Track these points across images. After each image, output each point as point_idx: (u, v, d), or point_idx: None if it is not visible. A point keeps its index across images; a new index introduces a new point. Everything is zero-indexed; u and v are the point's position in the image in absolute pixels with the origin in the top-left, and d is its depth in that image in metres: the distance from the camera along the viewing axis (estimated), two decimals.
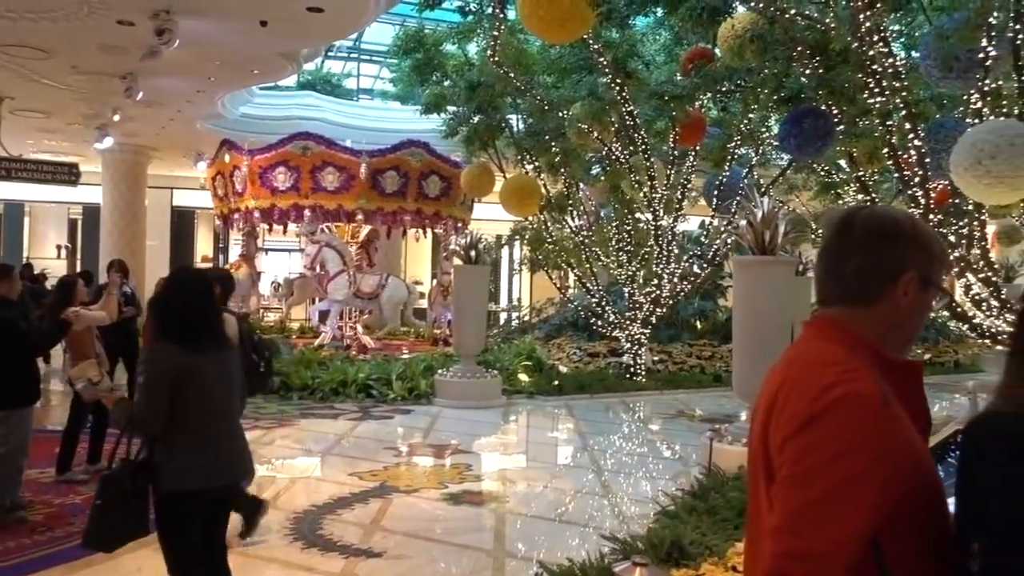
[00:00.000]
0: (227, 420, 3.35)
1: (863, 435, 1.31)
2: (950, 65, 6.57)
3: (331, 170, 13.40)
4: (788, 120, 8.62)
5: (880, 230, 1.51)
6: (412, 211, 13.96)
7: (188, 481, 3.16)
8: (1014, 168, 6.06)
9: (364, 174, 13.24)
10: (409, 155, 13.69)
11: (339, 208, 13.58)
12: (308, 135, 13.65)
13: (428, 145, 13.81)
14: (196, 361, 3.20)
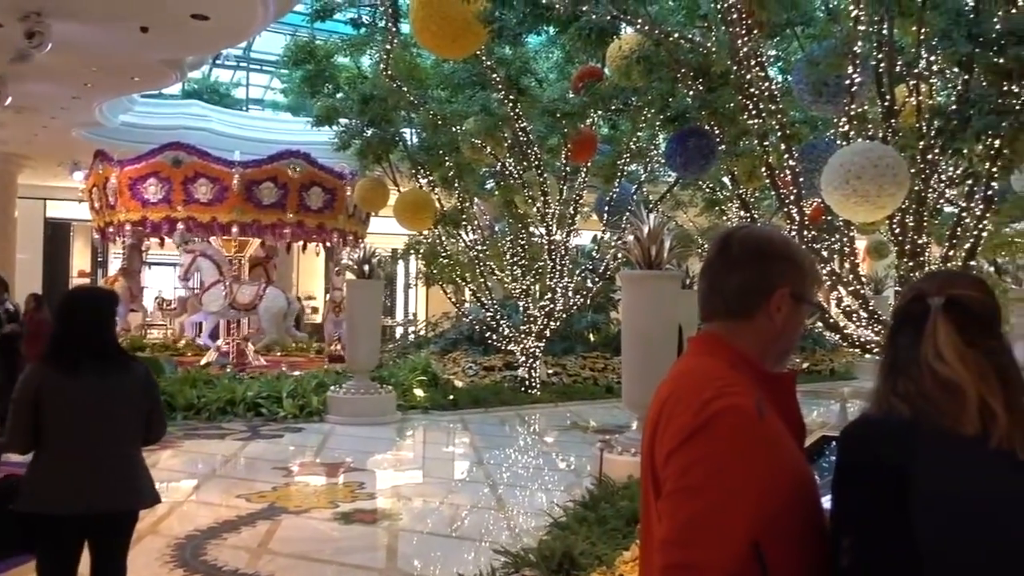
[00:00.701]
0: (100, 445, 3.17)
1: (741, 447, 1.36)
2: (820, 90, 6.97)
3: (204, 181, 12.92)
4: (674, 139, 8.95)
5: (756, 248, 1.58)
6: (293, 224, 13.48)
7: (40, 504, 3.03)
8: (878, 187, 6.47)
9: (237, 185, 12.80)
10: (287, 166, 13.27)
11: (213, 221, 13.05)
12: (180, 145, 13.12)
13: (309, 156, 13.46)
14: (64, 381, 3.05)
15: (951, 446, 1.31)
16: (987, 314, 1.43)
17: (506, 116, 10.96)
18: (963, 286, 1.44)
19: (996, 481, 1.29)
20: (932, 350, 1.38)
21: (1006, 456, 1.29)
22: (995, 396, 1.32)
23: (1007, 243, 9.30)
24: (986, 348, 1.38)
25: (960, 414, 1.32)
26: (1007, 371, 1.37)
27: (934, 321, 1.39)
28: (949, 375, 1.34)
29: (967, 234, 7.52)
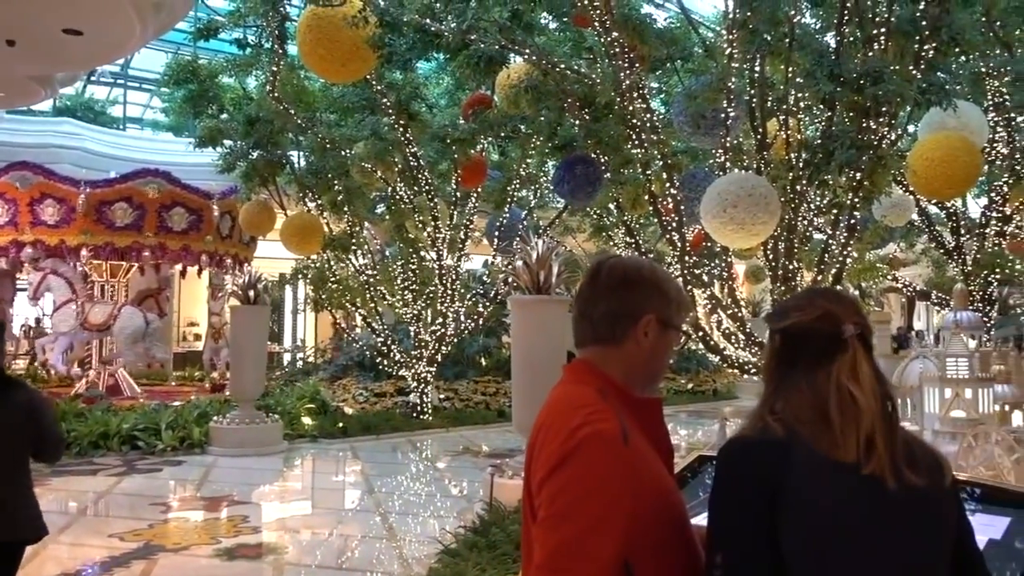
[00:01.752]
0: None
1: (607, 473, 1.41)
2: (698, 122, 7.30)
3: (51, 202, 12.18)
4: (561, 166, 9.17)
5: (623, 277, 1.65)
6: (152, 246, 12.68)
7: None
8: (752, 216, 6.82)
9: (83, 206, 12.10)
10: (144, 185, 12.58)
11: (61, 244, 12.27)
12: (25, 164, 12.37)
13: (169, 174, 12.82)
14: None
15: (824, 469, 1.39)
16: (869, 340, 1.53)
17: (396, 141, 10.94)
18: (861, 315, 1.53)
19: (865, 506, 1.37)
20: (851, 373, 1.45)
21: (876, 483, 1.37)
22: (880, 427, 1.41)
23: (869, 268, 9.95)
24: (883, 380, 1.48)
25: (841, 439, 1.40)
26: (893, 404, 1.48)
27: (854, 347, 1.47)
28: (860, 401, 1.42)
29: (834, 260, 7.99)
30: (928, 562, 1.38)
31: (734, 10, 7.05)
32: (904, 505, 1.37)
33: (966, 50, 8.69)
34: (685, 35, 8.80)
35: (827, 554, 1.36)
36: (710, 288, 8.47)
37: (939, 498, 1.41)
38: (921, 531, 1.38)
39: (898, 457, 1.39)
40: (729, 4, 7.17)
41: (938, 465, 1.43)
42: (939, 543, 1.39)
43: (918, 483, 1.37)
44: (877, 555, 1.35)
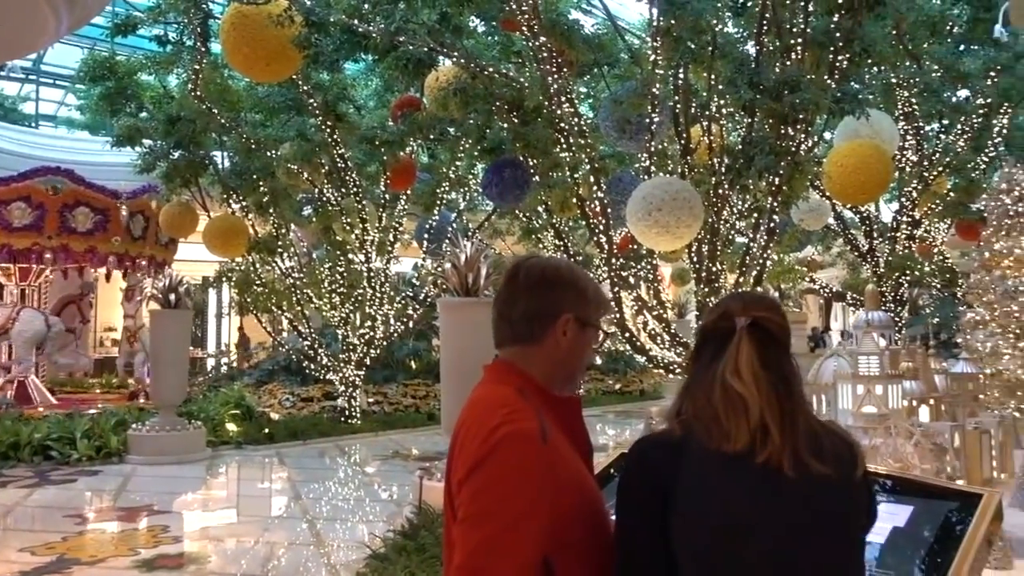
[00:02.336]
0: None
1: (526, 472, 1.43)
2: (623, 127, 7.43)
3: None
4: (490, 169, 9.20)
5: (541, 277, 1.68)
6: (54, 248, 12.01)
7: None
8: (677, 219, 6.97)
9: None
10: (44, 184, 11.97)
11: None
12: None
13: (72, 172, 12.24)
14: None
15: (715, 463, 1.43)
16: (783, 337, 1.57)
17: (323, 142, 10.80)
18: (764, 309, 1.57)
19: (756, 498, 1.41)
20: (732, 366, 1.50)
21: (772, 472, 1.41)
22: (774, 416, 1.45)
23: (788, 270, 10.28)
24: (778, 370, 1.52)
25: (732, 432, 1.44)
26: (791, 393, 1.51)
27: (739, 339, 1.51)
28: (741, 391, 1.46)
29: (755, 262, 8.23)
30: (832, 552, 1.41)
31: (658, 18, 7.19)
32: (805, 493, 1.40)
33: (877, 62, 9.10)
34: (612, 41, 8.93)
35: (723, 548, 1.39)
36: (636, 290, 8.62)
37: (847, 487, 1.44)
38: (825, 520, 1.41)
39: (800, 445, 1.42)
40: (654, 12, 7.31)
41: (850, 455, 1.47)
42: (845, 532, 1.43)
43: (823, 471, 1.40)
44: (775, 544, 1.38)
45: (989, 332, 6.26)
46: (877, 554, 1.90)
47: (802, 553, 1.38)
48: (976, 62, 10.90)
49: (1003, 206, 6.29)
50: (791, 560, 1.38)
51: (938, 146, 12.13)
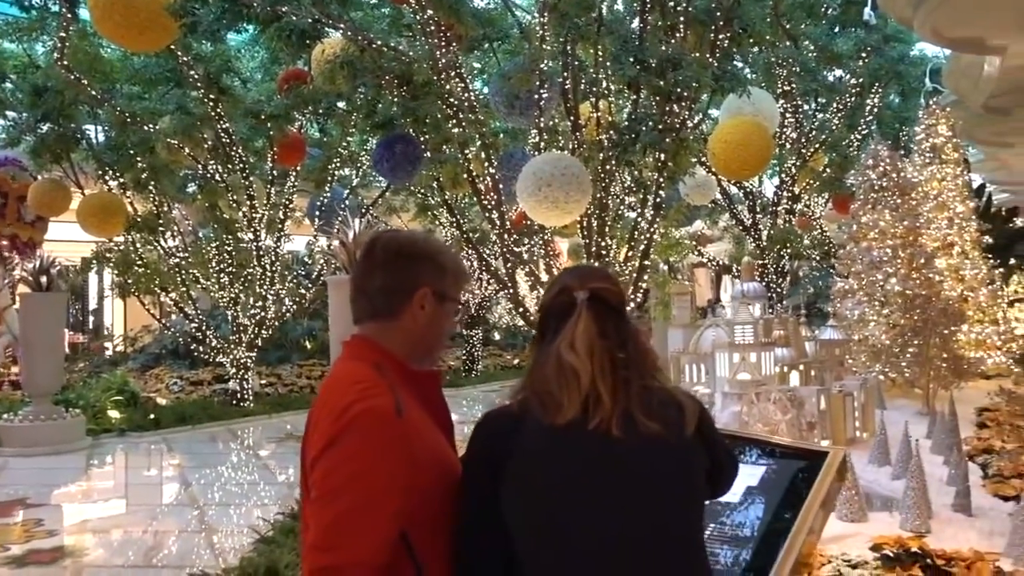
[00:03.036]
0: None
1: (380, 448, 1.42)
2: (512, 103, 7.43)
3: None
4: (381, 145, 9.05)
5: (398, 250, 1.66)
6: None
7: None
8: (565, 194, 7.05)
9: None
10: None
11: None
12: None
13: None
14: None
15: (546, 437, 1.46)
16: (620, 305, 1.61)
17: (206, 116, 10.36)
18: (601, 280, 1.60)
19: (586, 462, 1.45)
20: (568, 340, 1.52)
21: (602, 436, 1.44)
22: (606, 383, 1.48)
23: (675, 244, 10.58)
24: (616, 337, 1.55)
25: (564, 403, 1.47)
26: (628, 359, 1.55)
27: (579, 313, 1.54)
28: (574, 363, 1.49)
29: (642, 237, 8.43)
30: (664, 508, 1.46)
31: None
32: (634, 452, 1.44)
33: (757, 41, 9.39)
34: (502, 16, 8.91)
35: (555, 514, 1.42)
36: (530, 265, 8.70)
37: (678, 445, 1.49)
38: (655, 477, 1.46)
39: (633, 408, 1.46)
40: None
41: (679, 413, 1.52)
42: (677, 487, 1.48)
43: (652, 431, 1.44)
44: (608, 504, 1.42)
45: (857, 300, 6.63)
46: (731, 512, 1.98)
47: (634, 510, 1.43)
48: (848, 43, 11.42)
49: (869, 181, 6.64)
50: (623, 518, 1.42)
51: (815, 124, 12.69)
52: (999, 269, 7.77)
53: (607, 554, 1.40)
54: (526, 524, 1.43)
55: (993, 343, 7.49)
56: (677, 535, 1.46)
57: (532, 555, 1.42)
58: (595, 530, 1.41)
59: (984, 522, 3.37)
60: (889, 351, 6.12)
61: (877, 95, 12.85)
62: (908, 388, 6.26)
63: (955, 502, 3.52)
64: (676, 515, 1.47)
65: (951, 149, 7.64)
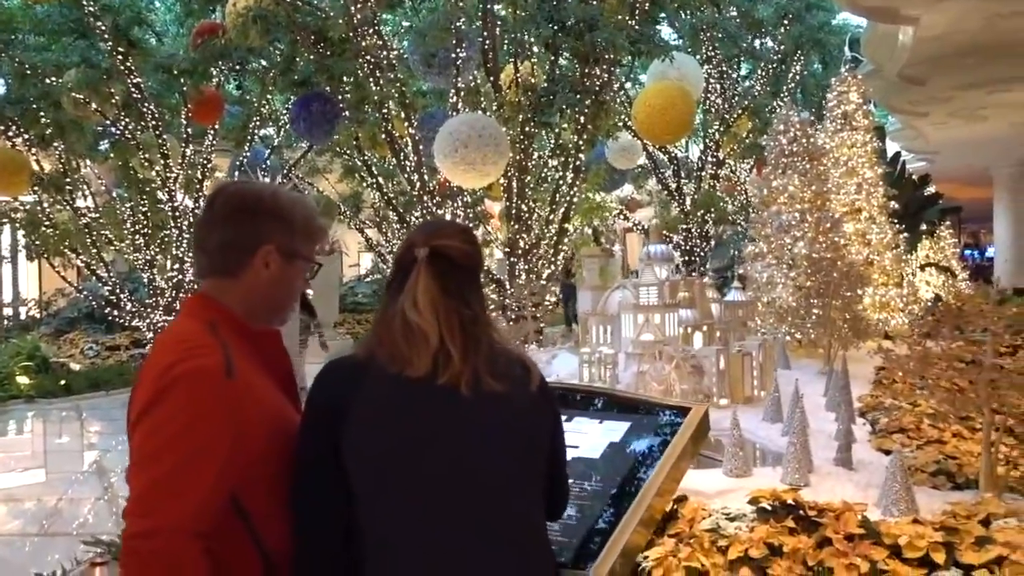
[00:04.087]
0: None
1: (203, 408, 1.37)
2: (428, 62, 7.30)
3: None
4: (297, 103, 8.81)
5: (240, 205, 1.60)
6: None
7: None
8: (483, 156, 6.98)
9: None
10: None
11: None
12: None
13: None
14: None
15: (393, 387, 1.44)
16: (469, 262, 1.58)
17: (115, 70, 9.91)
18: (447, 236, 1.57)
19: (432, 416, 1.44)
20: (411, 299, 1.50)
21: (450, 392, 1.44)
22: (455, 341, 1.47)
23: (596, 208, 10.62)
24: (460, 296, 1.53)
25: (413, 358, 1.45)
26: (476, 318, 1.53)
27: (418, 270, 1.52)
28: (419, 323, 1.47)
29: (563, 200, 8.44)
30: (507, 462, 1.47)
31: None
32: (480, 409, 1.45)
33: (680, 5, 9.41)
34: None
35: (398, 463, 1.42)
36: None
37: (522, 403, 1.50)
38: (499, 433, 1.46)
39: (480, 366, 1.46)
40: None
41: (524, 372, 1.53)
42: (519, 443, 1.49)
43: (498, 389, 1.45)
44: (451, 457, 1.43)
45: (766, 263, 6.77)
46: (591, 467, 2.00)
47: (477, 464, 1.43)
48: (769, 10, 11.54)
49: (779, 146, 6.75)
50: (466, 470, 1.43)
51: (738, 90, 12.85)
52: (904, 234, 8.02)
53: (446, 505, 1.41)
54: (366, 471, 1.42)
55: (896, 305, 7.77)
56: (517, 489, 1.48)
57: (369, 504, 1.41)
58: (436, 481, 1.41)
59: (863, 475, 3.49)
60: (795, 312, 6.28)
61: (799, 63, 13.06)
62: (813, 349, 6.44)
63: (837, 456, 3.64)
64: (518, 467, 1.48)
65: (861, 116, 7.80)
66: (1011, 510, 2.96)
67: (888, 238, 7.71)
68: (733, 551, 2.81)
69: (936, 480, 3.43)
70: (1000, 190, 19.88)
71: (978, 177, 20.98)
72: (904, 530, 2.70)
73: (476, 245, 1.63)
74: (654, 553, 2.92)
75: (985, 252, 28.82)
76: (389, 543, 1.40)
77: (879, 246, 7.63)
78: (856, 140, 7.75)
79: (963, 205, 23.49)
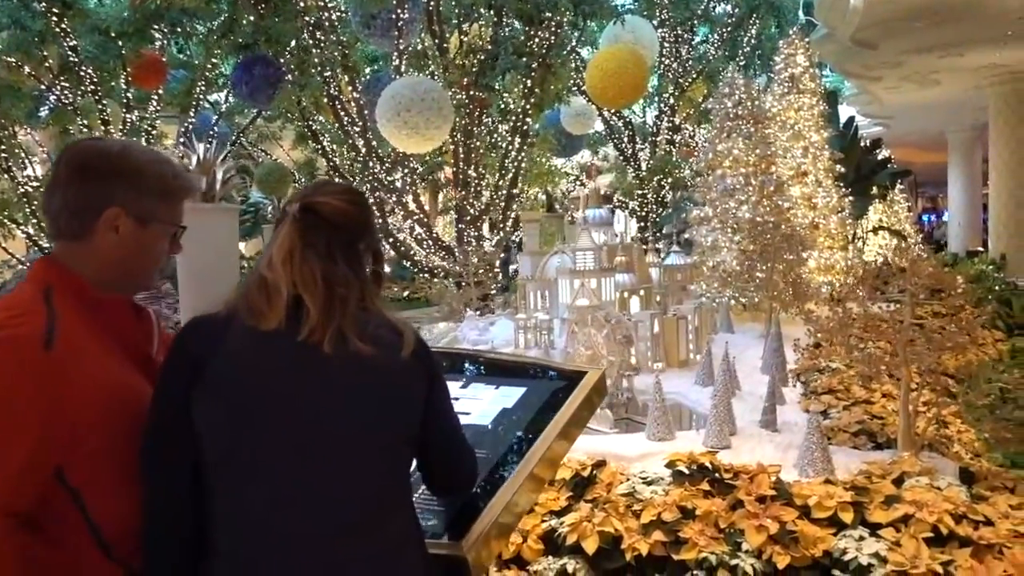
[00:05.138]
0: None
1: (16, 380, 1.29)
2: (368, 23, 7.12)
3: None
4: (239, 67, 8.56)
5: (83, 165, 1.49)
6: None
7: None
8: (426, 120, 6.85)
9: None
10: None
11: None
12: None
13: None
14: None
15: (251, 341, 1.37)
16: (346, 223, 1.50)
17: (49, 32, 9.53)
18: (326, 194, 1.49)
19: (291, 372, 1.38)
20: (268, 254, 1.43)
21: (311, 349, 1.38)
22: (314, 296, 1.39)
23: (546, 173, 10.53)
24: (328, 254, 1.45)
25: (265, 309, 1.38)
26: (346, 281, 1.46)
27: (285, 226, 1.45)
28: (267, 276, 1.40)
29: (511, 165, 8.34)
30: (365, 425, 1.41)
31: None
32: (343, 370, 1.39)
33: None
34: None
35: (253, 419, 1.36)
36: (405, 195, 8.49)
37: (390, 368, 1.44)
38: (360, 396, 1.41)
39: (347, 327, 1.39)
40: None
41: (395, 338, 1.46)
42: (382, 408, 1.43)
43: (364, 351, 1.39)
44: (307, 416, 1.37)
45: (711, 228, 6.76)
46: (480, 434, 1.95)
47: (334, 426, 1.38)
48: None
49: (725, 109, 6.70)
50: (323, 432, 1.37)
51: (693, 54, 12.77)
52: (850, 198, 8.05)
53: (300, 466, 1.35)
54: (217, 429, 1.36)
55: (841, 268, 7.82)
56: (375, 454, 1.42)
57: (220, 464, 1.35)
58: (289, 440, 1.35)
59: (785, 436, 3.51)
60: (738, 276, 6.29)
61: (755, 26, 13.01)
62: (758, 312, 6.46)
63: (761, 419, 3.66)
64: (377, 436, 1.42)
65: (808, 79, 7.78)
66: (925, 468, 2.98)
67: (834, 201, 7.74)
68: (646, 515, 2.80)
69: (857, 440, 3.46)
70: (954, 154, 20.13)
71: (933, 142, 21.22)
72: (815, 491, 2.70)
73: (360, 206, 1.54)
74: (569, 518, 2.91)
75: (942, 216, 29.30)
76: (241, 505, 1.34)
77: (824, 209, 7.66)
78: (803, 103, 7.74)
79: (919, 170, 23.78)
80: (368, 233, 1.53)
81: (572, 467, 3.09)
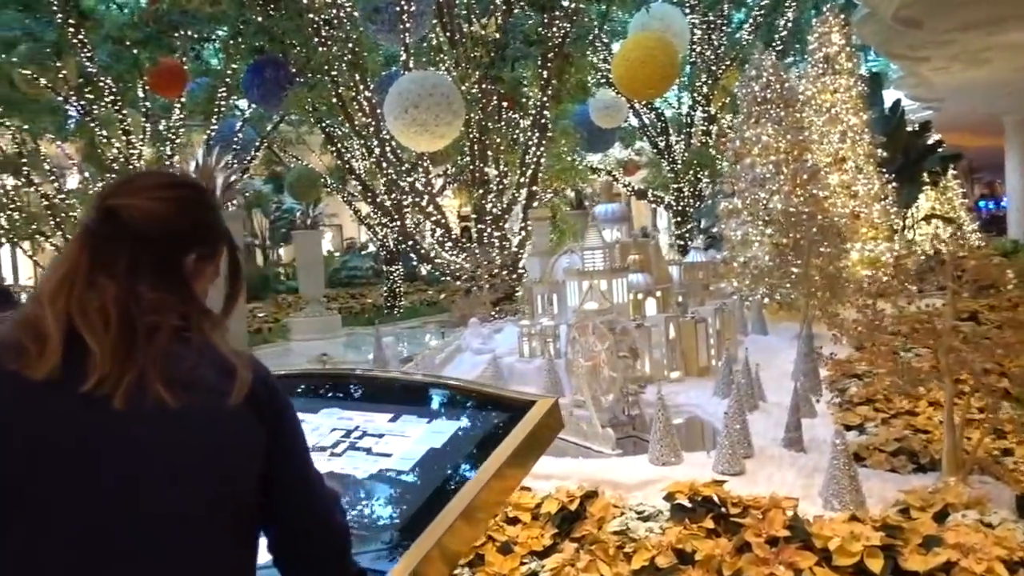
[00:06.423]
0: None
1: None
2: (371, 17, 6.82)
3: None
4: (250, 70, 8.39)
5: None
6: None
7: None
8: (435, 116, 6.53)
9: None
10: None
11: None
12: None
13: None
14: None
15: (14, 392, 1.03)
16: (160, 231, 1.13)
17: (64, 43, 9.44)
18: (133, 193, 1.12)
19: (67, 438, 1.03)
20: (43, 282, 1.08)
21: (96, 403, 1.03)
22: (100, 337, 1.04)
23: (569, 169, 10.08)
24: (132, 275, 1.09)
25: (35, 356, 1.03)
26: (155, 307, 1.10)
27: (74, 241, 1.09)
28: (31, 314, 1.05)
29: (530, 162, 7.96)
30: (177, 492, 1.06)
31: None
32: (140, 427, 1.03)
33: None
34: None
35: (23, 509, 1.01)
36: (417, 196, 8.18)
37: (207, 417, 1.08)
38: (166, 457, 1.05)
39: (150, 371, 1.04)
40: None
41: (223, 380, 1.10)
42: (207, 475, 1.07)
43: (172, 403, 1.03)
44: (102, 501, 1.02)
45: (741, 220, 6.29)
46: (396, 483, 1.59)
47: (138, 505, 1.03)
48: None
49: (752, 93, 6.24)
50: (122, 516, 1.02)
51: (727, 41, 12.24)
52: (893, 184, 7.47)
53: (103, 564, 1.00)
54: None
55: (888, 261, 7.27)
56: (196, 527, 1.07)
57: None
58: (85, 532, 1.01)
59: (812, 458, 3.07)
60: (771, 272, 5.82)
61: (792, 9, 12.42)
62: (792, 311, 5.98)
63: (785, 437, 3.22)
64: (194, 504, 1.06)
65: (845, 59, 7.24)
66: (974, 499, 2.52)
67: (876, 189, 7.19)
68: (638, 559, 2.40)
69: (895, 461, 3.00)
70: (1011, 138, 19.08)
71: (988, 125, 20.17)
72: (838, 530, 2.27)
73: (179, 203, 1.16)
74: (551, 562, 2.53)
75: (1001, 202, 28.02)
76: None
77: (866, 198, 7.12)
78: (840, 85, 7.21)
79: (974, 155, 22.68)
80: (200, 241, 1.16)
81: (559, 499, 2.71)
